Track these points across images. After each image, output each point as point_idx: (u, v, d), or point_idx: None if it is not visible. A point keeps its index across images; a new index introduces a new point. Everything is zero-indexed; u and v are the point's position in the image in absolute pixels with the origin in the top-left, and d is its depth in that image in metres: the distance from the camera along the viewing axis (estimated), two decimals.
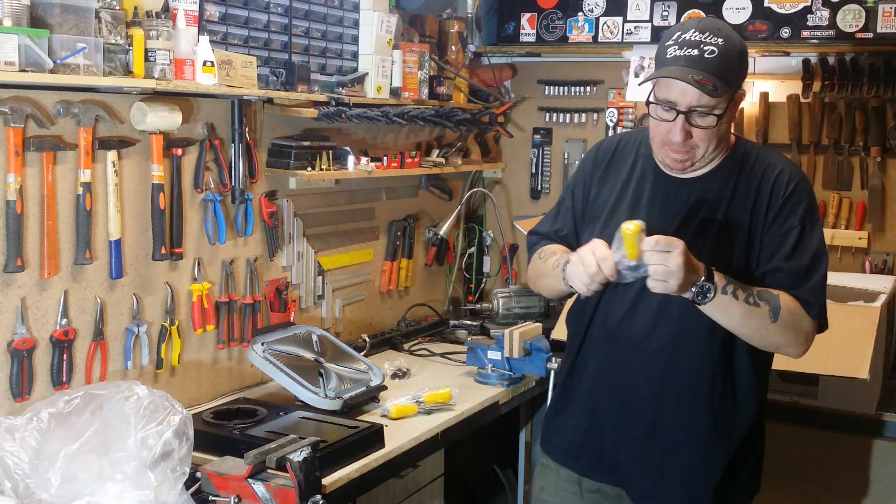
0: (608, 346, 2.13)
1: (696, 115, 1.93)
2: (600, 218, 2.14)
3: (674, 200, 2.06)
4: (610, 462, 2.16)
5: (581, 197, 2.21)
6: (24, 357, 2.28)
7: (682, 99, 1.91)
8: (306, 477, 2.10)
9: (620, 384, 2.12)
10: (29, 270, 2.28)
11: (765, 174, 2.03)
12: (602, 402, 2.16)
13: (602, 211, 2.15)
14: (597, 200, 2.17)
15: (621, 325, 2.09)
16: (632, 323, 2.07)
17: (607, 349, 2.13)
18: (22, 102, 2.20)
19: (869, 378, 2.85)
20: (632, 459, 2.12)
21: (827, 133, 3.56)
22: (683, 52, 1.90)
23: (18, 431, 1.96)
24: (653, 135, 2.03)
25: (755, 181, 2.03)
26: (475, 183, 4.12)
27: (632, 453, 2.12)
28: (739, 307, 1.91)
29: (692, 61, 1.89)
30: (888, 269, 3.51)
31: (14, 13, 2.04)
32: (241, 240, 2.90)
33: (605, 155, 2.20)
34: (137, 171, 2.53)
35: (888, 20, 3.21)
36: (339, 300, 3.39)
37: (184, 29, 2.47)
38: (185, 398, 2.70)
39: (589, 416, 2.18)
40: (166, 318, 2.65)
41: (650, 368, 2.07)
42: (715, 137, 1.97)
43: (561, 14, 3.82)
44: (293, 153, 2.92)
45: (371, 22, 3.22)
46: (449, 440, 2.73)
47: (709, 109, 1.92)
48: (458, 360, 3.31)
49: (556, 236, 2.24)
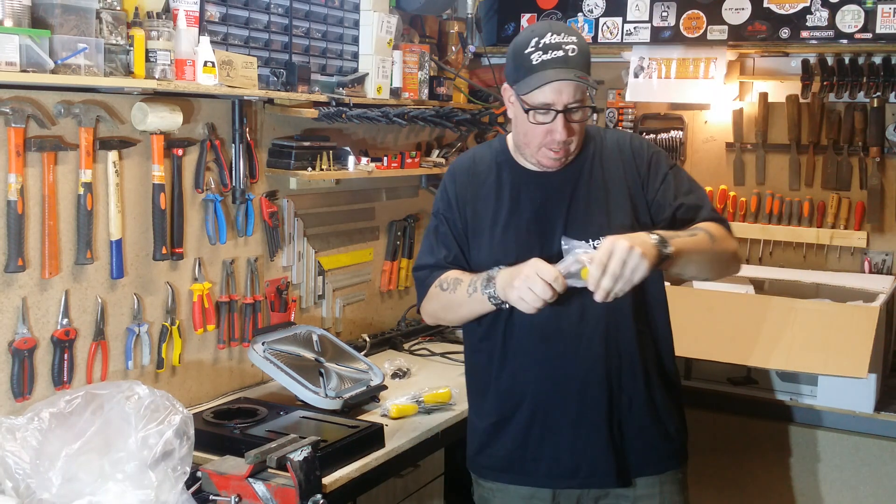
0: (543, 345, 2.11)
1: (572, 112, 2.02)
2: (485, 230, 2.15)
3: (554, 193, 2.13)
4: (571, 464, 2.13)
5: (457, 218, 2.19)
6: (25, 357, 2.28)
7: (558, 98, 1.99)
8: (307, 476, 2.10)
9: (569, 376, 2.11)
10: (30, 270, 2.28)
11: (619, 145, 2.18)
12: (553, 403, 2.12)
13: (485, 223, 2.16)
14: (475, 216, 2.17)
15: (551, 320, 2.07)
16: (561, 314, 2.07)
17: (543, 348, 2.11)
18: (23, 103, 2.20)
19: (868, 378, 2.85)
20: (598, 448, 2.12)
21: (826, 133, 3.57)
22: (550, 55, 1.99)
23: (19, 431, 1.96)
24: (526, 140, 2.08)
25: (615, 154, 2.17)
26: None
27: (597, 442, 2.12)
28: (690, 242, 2.00)
29: (561, 62, 1.98)
30: (887, 269, 3.52)
31: (15, 13, 2.04)
32: (241, 240, 2.90)
33: (463, 173, 2.22)
34: (138, 172, 2.53)
35: (887, 20, 3.22)
36: (340, 300, 3.39)
37: (184, 29, 2.48)
38: (186, 398, 2.70)
39: (540, 422, 2.14)
40: (167, 318, 2.66)
41: (592, 350, 2.10)
42: (582, 132, 2.10)
43: (561, 14, 3.83)
44: (293, 153, 2.92)
45: (371, 22, 3.22)
46: (449, 440, 2.73)
47: (581, 104, 2.02)
48: (458, 360, 3.31)
49: (445, 263, 2.19)
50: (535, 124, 2.03)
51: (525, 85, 2.00)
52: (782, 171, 3.70)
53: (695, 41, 3.54)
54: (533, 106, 2.01)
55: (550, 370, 2.12)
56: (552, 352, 2.11)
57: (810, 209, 3.62)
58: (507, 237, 2.12)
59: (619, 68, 3.86)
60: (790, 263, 3.66)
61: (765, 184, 3.74)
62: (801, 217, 3.64)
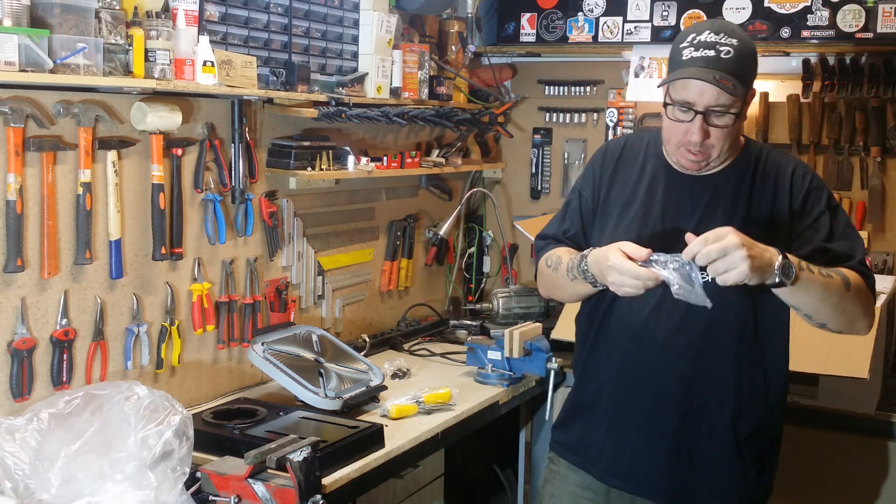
0: (632, 346, 2.10)
1: (714, 115, 1.95)
2: (612, 216, 2.15)
3: (689, 198, 2.07)
4: (627, 467, 2.13)
5: (590, 197, 2.20)
6: (24, 357, 2.28)
7: (699, 99, 1.93)
8: (306, 477, 2.10)
9: (647, 384, 2.09)
10: (29, 270, 2.28)
11: (779, 171, 2.07)
12: (627, 404, 2.13)
13: (614, 209, 2.15)
14: (607, 199, 2.17)
15: (647, 323, 2.06)
16: (658, 320, 2.05)
17: (631, 349, 2.10)
18: (22, 102, 2.20)
19: (869, 378, 2.85)
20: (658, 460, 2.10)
21: (827, 133, 3.56)
22: (700, 53, 1.93)
23: (18, 432, 1.96)
24: (667, 136, 2.05)
25: (770, 177, 2.06)
26: (475, 183, 4.12)
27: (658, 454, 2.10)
28: (819, 280, 1.89)
29: (710, 62, 1.91)
30: (888, 269, 3.51)
31: (14, 13, 2.04)
32: (241, 240, 2.90)
33: (612, 155, 2.21)
34: (137, 171, 2.53)
35: (888, 20, 3.21)
36: (339, 300, 3.39)
37: (184, 29, 2.47)
38: (185, 398, 2.70)
39: (611, 418, 2.15)
40: (166, 318, 2.65)
41: (679, 366, 2.06)
42: (730, 137, 1.99)
43: (561, 14, 3.82)
44: (293, 153, 2.92)
45: (371, 22, 3.22)
46: (449, 440, 2.73)
47: (726, 109, 1.94)
48: (458, 360, 3.31)
49: (563, 237, 2.23)
50: (673, 121, 1.99)
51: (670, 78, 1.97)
52: None
53: None
54: (673, 101, 1.98)
55: (632, 371, 2.11)
56: (639, 354, 2.09)
57: None
58: (629, 228, 2.09)
59: (620, 68, 3.86)
60: None
61: None
62: None
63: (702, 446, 2.09)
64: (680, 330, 2.04)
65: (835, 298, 1.92)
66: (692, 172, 2.06)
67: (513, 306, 3.54)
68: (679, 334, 2.04)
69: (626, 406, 2.13)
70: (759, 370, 2.08)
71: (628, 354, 2.12)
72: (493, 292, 3.61)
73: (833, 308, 1.95)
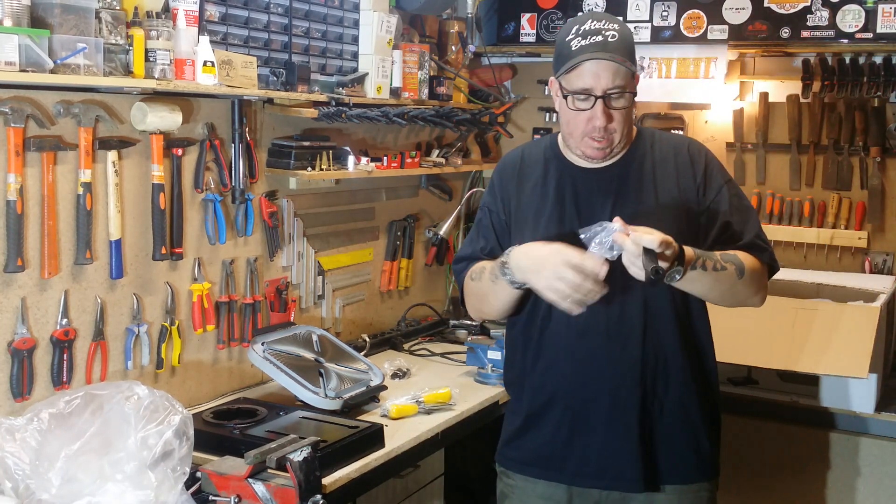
0: (580, 341, 2.09)
1: (612, 98, 2.01)
2: (528, 222, 2.15)
3: (598, 190, 2.11)
4: (598, 465, 2.11)
5: (500, 210, 2.20)
6: (25, 357, 2.28)
7: (597, 83, 1.98)
8: (306, 477, 2.10)
9: (602, 378, 2.09)
10: (29, 270, 2.28)
11: (676, 149, 2.14)
12: (584, 403, 2.11)
13: (528, 215, 2.16)
14: (518, 209, 2.18)
15: (590, 317, 2.02)
16: (600, 312, 2.03)
17: (579, 344, 2.09)
18: (22, 102, 2.20)
19: (868, 378, 2.85)
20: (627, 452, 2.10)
21: (827, 133, 3.57)
22: (589, 41, 1.99)
23: (19, 432, 1.96)
24: (569, 130, 2.08)
25: (669, 158, 2.13)
26: (475, 183, 4.11)
27: (626, 445, 2.10)
28: (708, 278, 1.98)
29: (599, 46, 1.98)
30: (888, 269, 3.52)
31: (14, 13, 2.04)
32: (241, 240, 2.90)
33: (513, 167, 2.23)
34: (138, 171, 2.53)
35: (888, 20, 3.21)
36: (339, 300, 3.39)
37: (184, 29, 2.47)
38: (186, 398, 2.70)
39: (570, 421, 2.13)
40: (166, 318, 2.65)
41: (628, 351, 2.07)
42: (628, 120, 2.06)
43: (561, 14, 3.82)
44: (293, 153, 2.92)
45: (371, 22, 3.22)
46: (449, 440, 2.73)
47: (622, 90, 2.00)
48: (458, 360, 3.31)
49: (481, 254, 2.21)
50: (575, 111, 2.02)
51: (564, 71, 2.01)
52: (783, 171, 3.69)
53: (695, 41, 3.53)
54: (572, 91, 2.01)
55: (585, 368, 2.10)
56: (588, 349, 2.09)
57: (811, 209, 3.62)
58: (548, 230, 2.10)
59: None
60: (791, 263, 3.66)
61: (765, 184, 3.74)
62: (801, 217, 3.64)
63: (659, 427, 2.11)
64: (622, 317, 2.06)
65: (724, 287, 2.02)
66: (595, 164, 2.10)
67: None
68: (621, 321, 2.06)
69: (584, 405, 2.11)
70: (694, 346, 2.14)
71: (577, 354, 2.10)
72: None
73: (721, 294, 2.06)
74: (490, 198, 2.24)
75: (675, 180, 2.11)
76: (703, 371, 2.15)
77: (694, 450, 2.13)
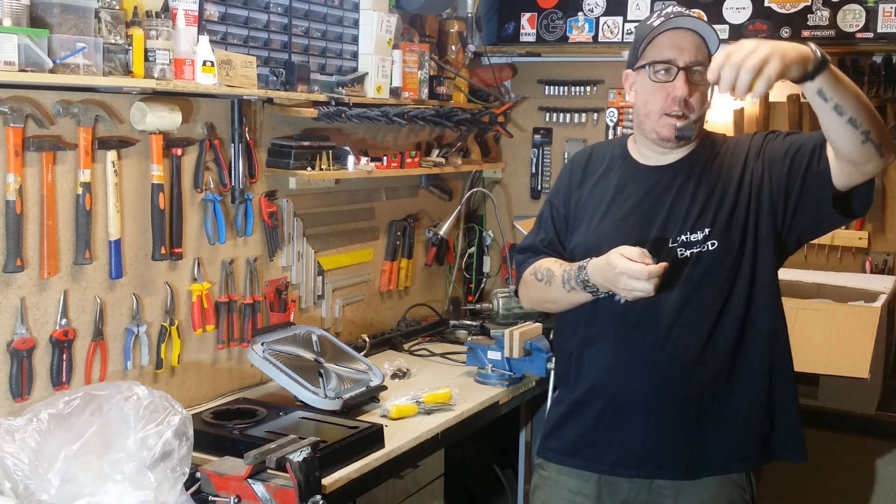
0: (623, 333, 2.11)
1: (694, 73, 2.03)
2: (586, 217, 2.20)
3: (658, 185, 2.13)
4: (641, 454, 2.13)
5: (562, 205, 2.27)
6: (24, 357, 2.27)
7: (680, 55, 2.02)
8: (306, 477, 2.10)
9: (644, 367, 2.09)
10: (28, 270, 2.28)
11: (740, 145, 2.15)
12: (626, 392, 2.12)
13: (587, 210, 2.21)
14: (579, 204, 2.23)
15: (632, 308, 2.06)
16: (643, 303, 2.04)
17: (622, 336, 2.12)
18: (21, 102, 2.20)
19: (869, 378, 2.85)
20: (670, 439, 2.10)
21: None
22: (673, 14, 2.05)
23: (18, 432, 1.95)
24: (646, 110, 2.09)
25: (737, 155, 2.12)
26: (475, 183, 4.11)
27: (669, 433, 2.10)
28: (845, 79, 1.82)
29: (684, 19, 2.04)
30: (888, 269, 3.51)
31: (14, 13, 2.04)
32: (240, 240, 2.90)
33: (579, 165, 2.29)
34: (137, 171, 2.52)
35: (888, 20, 3.21)
36: (339, 300, 3.38)
37: (183, 29, 2.47)
38: (185, 398, 2.70)
39: (613, 409, 2.14)
40: (166, 319, 2.65)
41: (671, 342, 2.07)
42: (704, 104, 2.07)
43: (561, 14, 3.82)
44: (293, 153, 2.92)
45: (371, 22, 3.21)
46: (449, 440, 2.72)
47: (703, 66, 2.00)
48: (458, 360, 3.30)
49: (541, 246, 2.26)
50: (656, 83, 2.04)
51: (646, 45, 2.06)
52: None
53: None
54: (655, 61, 2.04)
55: (626, 358, 2.11)
56: (630, 340, 2.10)
57: None
58: (603, 225, 2.14)
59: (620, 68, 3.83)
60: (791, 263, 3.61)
61: None
62: None
63: (708, 414, 2.09)
64: (666, 306, 2.06)
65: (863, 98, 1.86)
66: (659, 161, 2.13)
67: (513, 306, 3.53)
68: (666, 311, 2.06)
69: (626, 394, 2.12)
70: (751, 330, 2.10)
71: (620, 343, 2.12)
72: (493, 292, 3.60)
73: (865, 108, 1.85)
74: (554, 192, 2.32)
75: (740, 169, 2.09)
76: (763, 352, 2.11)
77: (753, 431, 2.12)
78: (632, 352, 2.11)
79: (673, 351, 2.08)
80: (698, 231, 2.05)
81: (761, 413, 2.13)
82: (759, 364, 2.11)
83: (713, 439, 2.11)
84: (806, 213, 2.07)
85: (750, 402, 2.11)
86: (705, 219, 2.05)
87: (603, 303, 2.11)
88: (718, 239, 2.05)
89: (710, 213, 2.06)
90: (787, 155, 2.07)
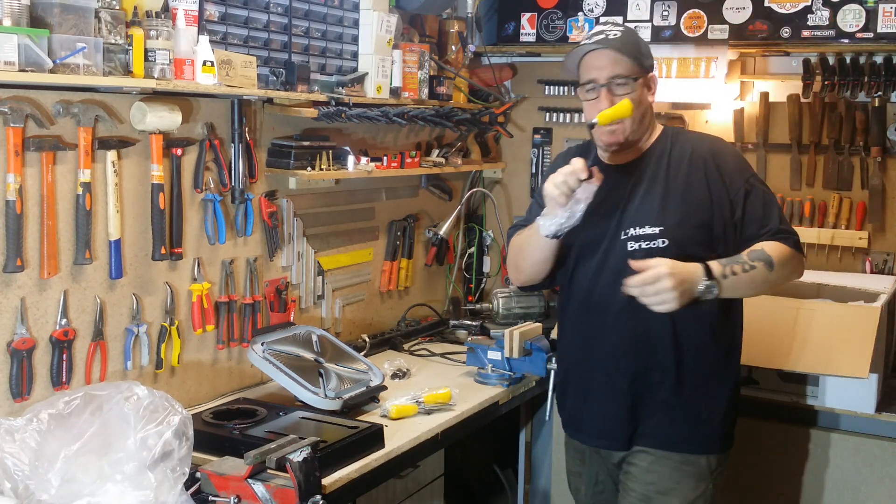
0: (584, 315, 2.38)
1: (616, 86, 2.23)
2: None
3: (617, 182, 2.30)
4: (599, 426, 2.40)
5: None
6: (24, 357, 2.27)
7: (600, 74, 2.23)
8: (306, 477, 2.10)
9: (601, 347, 2.34)
10: (28, 270, 2.28)
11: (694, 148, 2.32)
12: (588, 370, 2.39)
13: None
14: None
15: (591, 293, 2.34)
16: (597, 288, 2.32)
17: (584, 319, 2.39)
18: (21, 102, 2.20)
19: (869, 378, 2.85)
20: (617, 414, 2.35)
21: (827, 133, 3.56)
22: (591, 40, 2.25)
23: (18, 432, 1.96)
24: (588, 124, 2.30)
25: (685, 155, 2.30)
26: (475, 183, 4.11)
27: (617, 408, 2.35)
28: (743, 280, 2.17)
29: (599, 42, 2.23)
30: (888, 269, 3.51)
31: (14, 13, 2.04)
32: (240, 240, 2.90)
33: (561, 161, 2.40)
34: (137, 171, 2.52)
35: (888, 20, 3.21)
36: (339, 300, 3.38)
37: (183, 29, 2.47)
38: (185, 398, 2.70)
39: (582, 386, 2.43)
40: (166, 319, 2.65)
41: (621, 323, 2.29)
42: (638, 111, 2.25)
43: (561, 14, 3.82)
44: (293, 153, 2.92)
45: (371, 22, 3.21)
46: (449, 440, 2.73)
47: (625, 77, 2.22)
48: (458, 360, 3.31)
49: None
50: (587, 102, 2.27)
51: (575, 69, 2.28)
52: (783, 171, 3.69)
53: (695, 40, 3.53)
54: (581, 83, 2.28)
55: (587, 338, 2.39)
56: (589, 321, 2.37)
57: (811, 209, 3.61)
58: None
59: None
60: None
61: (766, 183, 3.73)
62: (802, 217, 3.63)
63: (651, 393, 2.32)
64: (614, 293, 2.23)
65: (759, 282, 2.21)
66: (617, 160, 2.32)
67: (513, 306, 3.54)
68: (615, 297, 2.23)
69: (589, 372, 2.39)
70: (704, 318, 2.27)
71: (582, 324, 2.40)
72: (493, 292, 3.60)
73: (758, 289, 2.25)
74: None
75: (701, 176, 2.28)
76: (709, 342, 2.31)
77: (688, 420, 2.31)
78: (590, 331, 2.37)
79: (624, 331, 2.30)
80: (647, 227, 2.25)
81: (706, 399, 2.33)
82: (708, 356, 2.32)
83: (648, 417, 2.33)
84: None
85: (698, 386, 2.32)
86: (653, 217, 2.26)
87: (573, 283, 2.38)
88: (669, 238, 2.24)
89: (658, 211, 2.26)
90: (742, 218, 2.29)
